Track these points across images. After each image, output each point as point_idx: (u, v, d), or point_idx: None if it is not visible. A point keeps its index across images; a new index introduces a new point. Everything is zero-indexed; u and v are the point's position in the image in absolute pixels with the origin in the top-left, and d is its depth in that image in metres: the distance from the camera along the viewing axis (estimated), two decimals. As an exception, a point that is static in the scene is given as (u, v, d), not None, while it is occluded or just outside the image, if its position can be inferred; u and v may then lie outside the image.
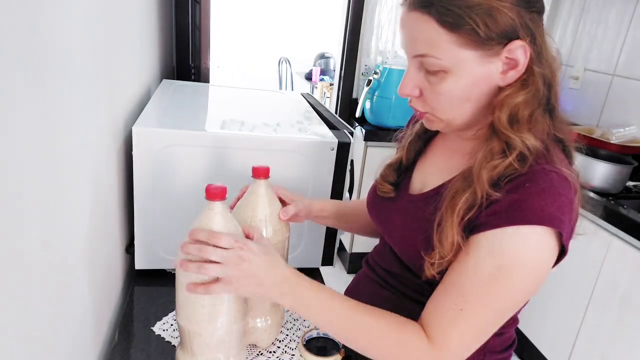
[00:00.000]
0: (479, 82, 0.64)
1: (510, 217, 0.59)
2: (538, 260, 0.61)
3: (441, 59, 0.62)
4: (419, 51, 0.64)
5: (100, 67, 0.80)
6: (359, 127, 2.43)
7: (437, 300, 0.66)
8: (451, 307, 0.63)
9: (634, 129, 1.96)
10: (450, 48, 0.61)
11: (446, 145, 0.79)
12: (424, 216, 0.70)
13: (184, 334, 0.73)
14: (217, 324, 0.71)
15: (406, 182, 0.81)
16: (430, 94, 0.66)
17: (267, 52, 5.21)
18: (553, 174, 0.61)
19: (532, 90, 0.63)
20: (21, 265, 0.49)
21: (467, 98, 0.65)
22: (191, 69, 2.14)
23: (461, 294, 0.62)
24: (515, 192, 0.60)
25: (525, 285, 0.62)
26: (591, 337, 1.66)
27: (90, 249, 0.76)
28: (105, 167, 0.85)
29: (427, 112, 0.69)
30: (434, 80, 0.65)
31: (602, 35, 2.17)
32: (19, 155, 0.47)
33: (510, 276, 0.61)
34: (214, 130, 0.99)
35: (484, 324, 0.64)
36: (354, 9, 2.47)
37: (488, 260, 0.61)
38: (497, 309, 0.63)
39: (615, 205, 1.60)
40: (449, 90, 0.64)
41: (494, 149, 0.63)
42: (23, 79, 0.47)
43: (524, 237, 0.59)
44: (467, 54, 0.61)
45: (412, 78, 0.67)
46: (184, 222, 1.01)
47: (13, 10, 0.44)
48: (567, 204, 0.60)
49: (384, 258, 0.83)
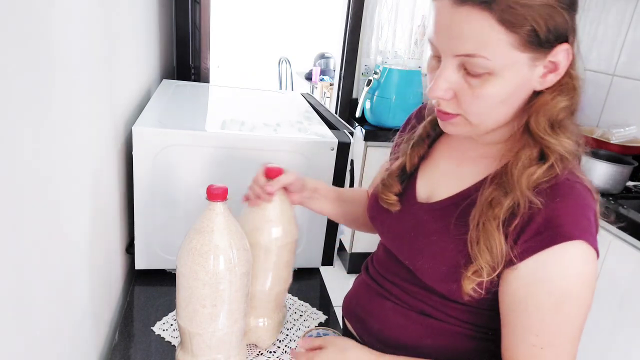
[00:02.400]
0: (522, 85, 0.61)
1: (548, 237, 0.58)
2: (588, 273, 0.60)
3: (491, 60, 0.57)
4: (465, 50, 0.58)
5: (100, 67, 0.80)
6: (359, 127, 2.43)
7: (512, 345, 0.63)
8: (529, 348, 0.61)
9: (634, 129, 1.96)
10: (505, 49, 0.57)
11: (454, 149, 0.75)
12: (444, 229, 0.67)
13: (184, 334, 0.73)
14: (217, 324, 0.71)
15: (411, 190, 0.77)
16: (467, 97, 0.61)
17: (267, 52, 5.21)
18: (577, 185, 0.60)
19: (574, 95, 0.62)
20: (21, 265, 0.49)
21: (505, 102, 0.61)
22: (191, 69, 2.14)
23: (534, 333, 0.60)
24: (548, 206, 0.59)
25: (587, 300, 0.61)
26: (591, 337, 1.66)
27: (90, 249, 0.76)
28: (105, 167, 0.85)
29: (459, 114, 0.63)
30: (476, 83, 0.59)
31: (602, 35, 2.16)
32: (19, 155, 0.47)
33: (571, 297, 0.59)
34: (214, 130, 0.99)
35: (568, 350, 0.62)
36: (354, 9, 2.47)
37: (542, 293, 0.59)
38: (573, 332, 0.61)
39: (615, 205, 1.60)
40: (492, 94, 0.60)
41: (532, 155, 0.61)
42: (23, 79, 0.47)
43: (568, 256, 0.58)
44: (520, 56, 0.58)
45: (448, 79, 0.61)
46: (184, 222, 1.01)
47: (13, 11, 0.44)
48: (593, 215, 0.60)
49: (389, 269, 0.79)
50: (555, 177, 0.60)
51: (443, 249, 0.67)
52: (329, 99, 3.91)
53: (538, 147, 0.62)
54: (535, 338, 0.60)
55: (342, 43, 2.58)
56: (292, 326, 0.94)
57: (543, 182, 0.60)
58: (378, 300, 0.78)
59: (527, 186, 0.60)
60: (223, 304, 0.70)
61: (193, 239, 0.69)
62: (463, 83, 0.60)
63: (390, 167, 0.80)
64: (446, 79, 0.61)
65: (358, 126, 2.46)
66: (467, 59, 0.58)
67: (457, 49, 0.58)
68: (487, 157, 0.68)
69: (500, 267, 0.61)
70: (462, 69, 0.60)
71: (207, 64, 2.22)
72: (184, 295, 0.70)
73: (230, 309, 0.71)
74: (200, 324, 0.70)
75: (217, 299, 0.70)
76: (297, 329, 0.94)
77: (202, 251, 0.68)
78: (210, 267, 0.68)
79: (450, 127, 0.66)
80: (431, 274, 0.69)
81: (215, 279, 0.68)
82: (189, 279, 0.69)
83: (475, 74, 0.59)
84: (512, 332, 0.63)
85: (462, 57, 0.59)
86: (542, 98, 0.62)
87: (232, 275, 0.69)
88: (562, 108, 0.61)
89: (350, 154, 1.07)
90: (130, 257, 1.09)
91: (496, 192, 0.62)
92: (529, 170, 0.61)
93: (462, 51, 0.58)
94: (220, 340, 0.73)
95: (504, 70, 0.58)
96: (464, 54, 0.58)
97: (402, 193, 0.77)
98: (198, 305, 0.69)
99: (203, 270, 0.68)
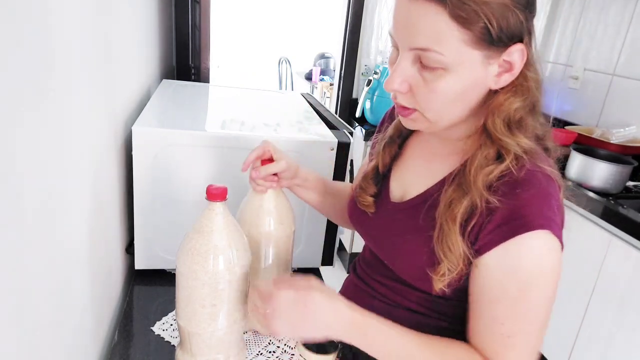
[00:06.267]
0: (476, 83, 0.61)
1: (511, 228, 0.59)
2: (552, 262, 0.60)
3: (444, 56, 0.58)
4: (419, 44, 0.59)
5: (100, 67, 0.80)
6: (359, 127, 2.43)
7: (479, 333, 0.65)
8: (497, 337, 0.62)
9: (634, 129, 1.96)
10: (458, 45, 0.57)
11: (424, 147, 0.76)
12: (416, 227, 0.68)
13: (183, 334, 0.73)
14: (217, 324, 0.71)
15: (385, 190, 0.78)
16: (422, 91, 0.62)
17: (267, 52, 5.21)
18: (538, 174, 0.61)
19: (528, 95, 0.62)
20: (21, 264, 0.49)
21: (460, 99, 0.62)
22: (191, 69, 2.14)
23: (499, 322, 0.62)
24: (509, 198, 0.60)
25: (552, 289, 0.62)
26: (591, 337, 1.66)
27: (90, 249, 0.76)
28: (105, 167, 0.85)
29: (416, 109, 0.64)
30: (430, 77, 0.60)
31: (601, 35, 2.16)
32: (19, 155, 0.47)
33: (536, 288, 0.60)
34: (214, 130, 0.99)
35: (533, 338, 0.63)
36: (354, 9, 2.48)
37: (507, 282, 0.60)
38: (538, 321, 0.63)
39: (615, 205, 1.60)
40: (445, 90, 0.60)
41: (488, 155, 0.62)
42: (23, 79, 0.47)
43: (531, 246, 0.59)
44: (472, 53, 0.58)
45: (403, 72, 0.62)
46: (184, 222, 1.01)
47: (12, 11, 0.44)
48: (556, 203, 0.60)
49: (374, 268, 0.80)
50: (513, 173, 0.61)
51: (418, 247, 0.68)
52: (329, 99, 3.92)
53: (495, 146, 0.63)
54: (501, 327, 0.61)
55: (342, 43, 2.58)
56: (291, 326, 0.95)
57: (501, 177, 0.61)
58: (366, 300, 0.78)
59: (483, 186, 0.61)
60: (222, 303, 0.70)
61: (192, 239, 0.69)
62: (418, 77, 0.61)
63: (366, 169, 0.81)
64: (402, 72, 0.62)
65: (358, 126, 2.46)
66: (422, 52, 0.59)
67: (413, 43, 0.59)
68: (455, 153, 0.69)
69: (461, 265, 0.62)
70: (417, 62, 0.61)
71: (207, 64, 2.22)
72: (183, 295, 0.70)
73: (229, 308, 0.71)
74: (199, 323, 0.71)
75: (217, 299, 0.70)
76: (296, 328, 0.94)
77: (201, 251, 0.68)
78: (210, 267, 0.68)
79: (410, 122, 0.67)
80: (410, 272, 0.70)
81: (215, 278, 0.68)
82: (189, 279, 0.69)
83: (429, 68, 0.60)
84: (478, 321, 0.64)
85: (417, 51, 0.60)
86: (497, 99, 0.63)
87: (231, 275, 0.69)
88: (516, 109, 0.62)
89: (350, 154, 1.07)
90: (130, 257, 1.10)
91: (455, 193, 0.63)
92: (485, 169, 0.61)
93: (417, 44, 0.59)
94: (220, 340, 0.73)
95: (457, 66, 0.59)
96: (419, 48, 0.59)
97: (378, 194, 0.78)
98: (197, 305, 0.70)
99: (202, 270, 0.68)
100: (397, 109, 0.68)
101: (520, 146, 0.62)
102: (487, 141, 0.63)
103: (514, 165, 0.61)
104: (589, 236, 1.65)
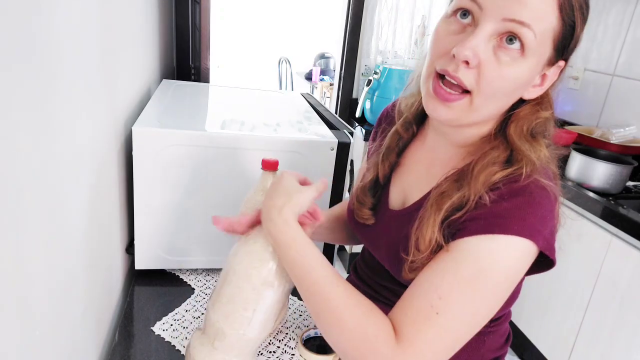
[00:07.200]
0: (527, 83, 0.60)
1: (491, 225, 0.58)
2: (514, 269, 0.60)
3: (536, 38, 0.54)
4: (523, 17, 0.54)
5: (100, 68, 0.80)
6: (359, 127, 2.43)
7: (411, 297, 0.60)
8: (426, 307, 0.58)
9: (633, 129, 1.96)
10: (548, 33, 0.55)
11: (425, 150, 0.75)
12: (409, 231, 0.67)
13: (211, 326, 0.71)
14: (249, 329, 0.70)
15: (384, 198, 0.77)
16: (491, 71, 0.57)
17: (267, 52, 5.22)
18: (531, 184, 0.60)
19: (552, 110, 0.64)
20: (21, 265, 0.49)
21: (512, 94, 0.60)
22: (191, 69, 2.14)
23: (438, 294, 0.58)
24: (498, 202, 0.59)
25: (500, 291, 0.60)
26: (591, 337, 1.66)
27: (90, 249, 0.76)
28: (105, 167, 0.85)
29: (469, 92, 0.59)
30: (504, 59, 0.56)
31: (602, 35, 2.17)
32: (19, 155, 0.47)
33: (489, 281, 0.58)
34: (214, 130, 0.99)
35: (457, 330, 0.59)
36: (354, 9, 2.48)
37: (468, 264, 0.59)
38: (472, 313, 0.59)
39: (615, 205, 1.60)
40: (513, 77, 0.57)
41: (499, 157, 0.62)
42: (23, 79, 0.47)
43: (504, 246, 0.58)
44: (548, 49, 0.57)
45: (482, 42, 0.56)
46: (184, 222, 1.01)
47: (12, 10, 0.44)
48: (547, 214, 0.59)
49: (376, 271, 0.80)
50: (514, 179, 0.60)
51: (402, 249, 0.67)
52: (329, 99, 3.92)
53: (508, 151, 0.62)
54: (436, 300, 0.58)
55: (342, 43, 2.58)
56: (291, 324, 0.95)
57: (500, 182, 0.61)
58: None
59: (483, 183, 0.60)
60: (262, 312, 0.69)
61: (257, 242, 0.68)
62: (491, 55, 0.57)
63: (363, 181, 0.79)
64: (480, 41, 0.56)
65: (358, 126, 2.46)
66: (514, 26, 0.54)
67: (513, 13, 0.54)
68: (456, 159, 0.69)
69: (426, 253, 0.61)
70: (495, 38, 0.56)
71: (207, 64, 2.22)
72: (228, 292, 0.69)
73: (266, 319, 0.70)
74: (233, 324, 0.69)
75: (259, 306, 0.69)
76: (296, 326, 0.94)
77: (262, 257, 0.67)
78: (264, 274, 0.67)
79: (447, 111, 0.62)
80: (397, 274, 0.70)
81: (265, 286, 0.68)
82: (241, 279, 0.68)
83: (506, 49, 0.56)
84: (419, 286, 0.61)
85: (511, 24, 0.54)
86: (525, 108, 0.63)
87: (279, 287, 0.69)
88: (544, 119, 0.63)
89: (350, 154, 1.07)
90: (130, 257, 1.10)
91: (449, 187, 0.63)
92: (491, 168, 0.61)
93: (519, 17, 0.54)
94: (244, 344, 0.72)
95: (533, 55, 0.57)
96: (518, 21, 0.54)
97: (376, 204, 0.77)
98: (240, 306, 0.68)
99: (258, 275, 0.67)
100: (440, 93, 0.61)
101: (538, 155, 0.61)
102: (502, 145, 0.63)
103: (520, 173, 0.61)
104: (589, 236, 1.65)
